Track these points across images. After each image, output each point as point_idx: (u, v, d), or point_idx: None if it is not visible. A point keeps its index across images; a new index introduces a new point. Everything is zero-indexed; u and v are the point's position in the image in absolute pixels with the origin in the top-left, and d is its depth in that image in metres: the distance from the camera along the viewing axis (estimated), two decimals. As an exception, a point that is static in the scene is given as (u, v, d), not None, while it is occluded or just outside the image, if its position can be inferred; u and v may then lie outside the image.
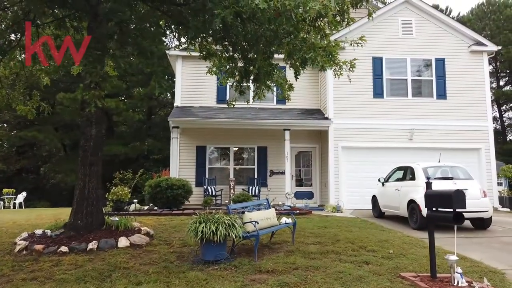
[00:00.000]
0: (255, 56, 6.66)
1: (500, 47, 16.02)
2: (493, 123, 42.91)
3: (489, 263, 5.71)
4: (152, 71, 7.07)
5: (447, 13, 41.40)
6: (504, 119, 41.42)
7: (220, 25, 5.03)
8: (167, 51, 15.66)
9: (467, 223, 9.47)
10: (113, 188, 11.15)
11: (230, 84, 8.99)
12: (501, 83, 41.75)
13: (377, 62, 14.70)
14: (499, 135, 42.25)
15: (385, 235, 7.94)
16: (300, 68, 6.53)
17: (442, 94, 14.67)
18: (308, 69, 15.91)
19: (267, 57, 6.45)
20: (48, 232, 6.86)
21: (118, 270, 5.18)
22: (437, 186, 8.71)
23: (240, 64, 7.94)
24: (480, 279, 4.72)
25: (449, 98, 14.65)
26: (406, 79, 14.70)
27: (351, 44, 8.22)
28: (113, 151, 26.07)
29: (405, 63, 14.74)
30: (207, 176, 14.89)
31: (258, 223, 5.74)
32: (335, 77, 7.31)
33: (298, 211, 12.25)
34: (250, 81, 8.36)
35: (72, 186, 14.67)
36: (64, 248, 6.09)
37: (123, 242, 6.45)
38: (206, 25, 5.42)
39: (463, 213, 8.62)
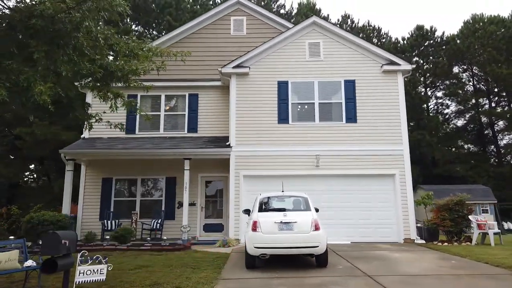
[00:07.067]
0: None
1: (414, 66, 15.09)
2: (491, 146, 40.71)
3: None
4: None
5: (430, 33, 40.47)
6: (498, 141, 39.15)
7: None
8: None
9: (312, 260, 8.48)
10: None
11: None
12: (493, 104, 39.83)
13: (282, 87, 14.08)
14: (495, 158, 39.97)
15: (195, 277, 7.06)
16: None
17: (351, 118, 13.81)
18: (222, 95, 15.36)
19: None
20: None
21: None
22: (264, 218, 7.97)
23: None
24: None
25: (359, 122, 13.75)
26: (314, 103, 13.96)
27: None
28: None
29: (312, 86, 14.05)
30: (111, 209, 14.38)
31: None
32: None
33: (177, 246, 11.54)
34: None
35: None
36: None
37: None
38: None
39: (290, 248, 7.76)
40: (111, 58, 8.75)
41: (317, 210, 9.14)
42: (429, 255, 9.68)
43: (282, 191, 9.13)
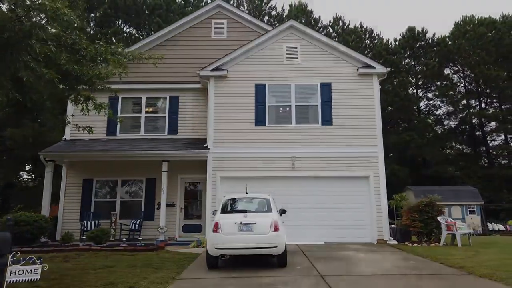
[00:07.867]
0: None
1: (389, 69, 15.27)
2: (482, 147, 40.89)
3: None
4: None
5: (421, 35, 40.70)
6: (488, 142, 39.39)
7: None
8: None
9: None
10: None
11: None
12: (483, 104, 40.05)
13: (260, 89, 14.28)
14: (486, 159, 40.19)
15: (152, 277, 7.24)
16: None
17: (327, 120, 14.00)
18: (202, 97, 15.46)
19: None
20: None
21: None
22: (225, 219, 8.18)
23: None
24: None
25: (335, 124, 13.95)
26: (290, 106, 14.17)
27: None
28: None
29: (289, 89, 14.25)
30: (92, 210, 14.56)
31: None
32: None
33: (150, 246, 11.74)
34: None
35: None
36: None
37: None
38: None
39: (249, 249, 7.94)
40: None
41: (284, 211, 9.35)
42: (393, 255, 9.88)
43: (246, 193, 9.32)
